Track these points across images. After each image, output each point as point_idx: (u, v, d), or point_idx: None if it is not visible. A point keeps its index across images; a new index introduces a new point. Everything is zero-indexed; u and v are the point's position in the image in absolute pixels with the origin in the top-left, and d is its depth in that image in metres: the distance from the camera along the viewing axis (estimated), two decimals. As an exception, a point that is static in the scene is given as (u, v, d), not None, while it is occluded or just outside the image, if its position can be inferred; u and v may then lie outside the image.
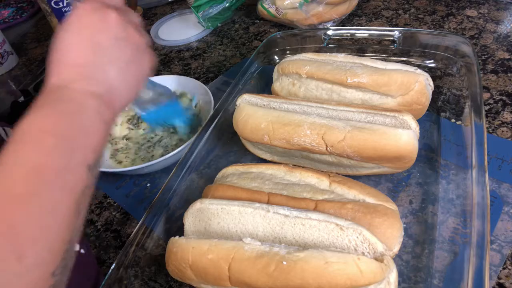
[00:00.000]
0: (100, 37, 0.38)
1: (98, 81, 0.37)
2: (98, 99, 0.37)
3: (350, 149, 0.51)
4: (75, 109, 0.35)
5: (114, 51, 0.39)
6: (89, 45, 0.38)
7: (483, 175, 0.45)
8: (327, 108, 0.57)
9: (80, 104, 0.35)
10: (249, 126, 0.58)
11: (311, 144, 0.53)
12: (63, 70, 0.37)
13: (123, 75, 0.40)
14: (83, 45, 0.38)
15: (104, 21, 0.39)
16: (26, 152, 0.31)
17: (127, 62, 0.40)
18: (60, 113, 0.34)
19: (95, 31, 0.38)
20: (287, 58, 0.69)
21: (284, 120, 0.56)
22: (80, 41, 0.38)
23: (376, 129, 0.51)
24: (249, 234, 0.45)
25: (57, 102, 0.35)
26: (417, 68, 0.60)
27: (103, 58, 0.38)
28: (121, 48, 0.39)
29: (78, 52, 0.37)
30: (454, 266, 0.46)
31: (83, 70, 0.37)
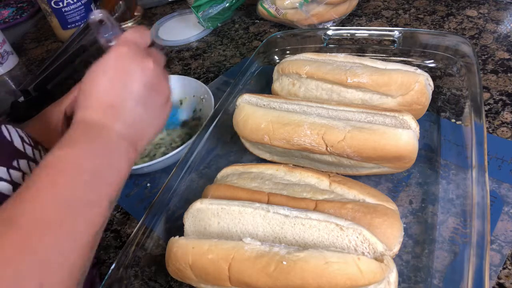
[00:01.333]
0: (135, 83, 0.40)
1: (129, 124, 0.40)
2: (127, 141, 0.39)
3: (350, 149, 0.51)
4: (109, 149, 0.38)
5: (145, 99, 0.41)
6: (124, 89, 0.40)
7: (483, 175, 0.45)
8: (327, 108, 0.57)
9: (114, 144, 0.38)
10: (249, 126, 0.58)
11: (311, 144, 0.53)
12: (97, 108, 0.39)
13: (149, 120, 0.42)
14: (118, 87, 0.40)
15: (142, 69, 0.41)
16: (61, 184, 0.33)
17: (155, 109, 0.43)
18: (96, 151, 0.37)
19: (131, 76, 0.40)
20: (287, 58, 0.69)
21: (284, 120, 0.56)
22: (116, 83, 0.40)
23: (376, 129, 0.51)
24: (249, 234, 0.45)
25: (94, 138, 0.37)
26: (417, 68, 0.60)
27: (135, 104, 0.40)
28: (152, 97, 0.42)
29: (112, 94, 0.39)
30: (454, 266, 0.46)
31: (116, 112, 0.39)
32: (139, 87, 0.41)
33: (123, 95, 0.40)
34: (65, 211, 0.32)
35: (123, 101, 0.40)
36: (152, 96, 0.42)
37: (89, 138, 0.37)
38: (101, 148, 0.37)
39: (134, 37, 0.43)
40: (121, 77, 0.40)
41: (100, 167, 0.36)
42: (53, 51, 1.08)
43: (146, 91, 0.41)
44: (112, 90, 0.40)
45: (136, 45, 0.42)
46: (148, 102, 0.42)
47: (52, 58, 1.00)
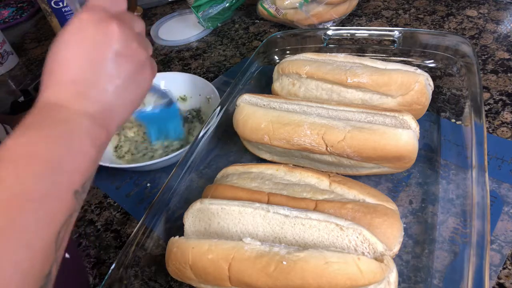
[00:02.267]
0: (99, 52, 0.36)
1: (94, 100, 0.35)
2: (92, 120, 0.35)
3: (350, 149, 0.51)
4: (66, 132, 0.33)
5: (113, 68, 0.36)
6: (87, 61, 0.35)
7: (483, 175, 0.45)
8: (327, 108, 0.57)
9: (72, 126, 0.33)
10: (249, 126, 0.58)
11: (311, 144, 0.53)
12: (58, 86, 0.35)
13: (121, 94, 0.37)
14: (80, 60, 0.35)
15: (105, 35, 0.36)
16: (8, 178, 0.28)
17: (127, 79, 0.37)
18: (49, 136, 0.32)
19: (94, 45, 0.36)
20: (287, 58, 0.69)
21: (284, 120, 0.56)
22: (78, 55, 0.35)
23: (376, 129, 0.51)
24: (249, 234, 0.45)
25: (48, 123, 0.33)
26: (417, 68, 0.60)
27: (100, 76, 0.36)
28: (120, 65, 0.37)
29: (74, 68, 0.35)
30: (454, 266, 0.46)
31: (78, 88, 0.35)
32: (105, 55, 0.36)
33: (87, 68, 0.35)
34: (14, 211, 0.27)
35: (87, 75, 0.35)
36: (122, 65, 0.37)
37: (47, 122, 0.33)
38: (59, 131, 0.33)
39: (103, 2, 0.38)
40: (83, 48, 0.35)
41: (57, 153, 0.31)
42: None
43: (113, 61, 0.36)
44: (74, 63, 0.35)
45: (103, 10, 0.37)
46: (118, 73, 0.37)
47: (52, 58, 1.00)
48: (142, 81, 0.39)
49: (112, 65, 0.36)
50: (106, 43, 0.36)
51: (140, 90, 0.40)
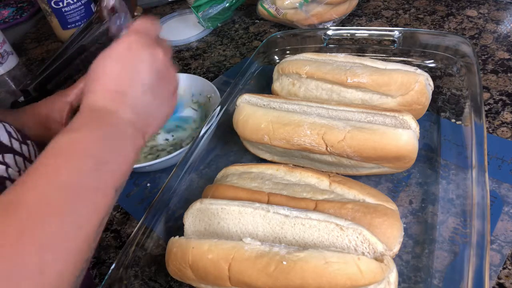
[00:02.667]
0: (145, 71, 0.40)
1: (136, 111, 0.40)
2: (133, 127, 0.39)
3: (350, 149, 0.51)
4: (116, 135, 0.37)
5: (154, 86, 0.41)
6: (134, 76, 0.40)
7: (483, 175, 0.45)
8: (327, 108, 0.57)
9: (118, 130, 0.38)
10: (249, 126, 0.58)
11: (311, 144, 0.53)
12: (105, 93, 0.39)
13: (157, 108, 0.42)
14: (127, 74, 0.40)
15: (152, 56, 0.41)
16: (67, 170, 0.32)
17: (163, 97, 0.43)
18: (103, 137, 0.36)
19: (142, 63, 0.40)
20: (287, 58, 0.69)
21: (284, 120, 0.56)
22: (126, 70, 0.40)
23: (376, 129, 0.51)
24: (249, 234, 0.45)
25: (99, 124, 0.37)
26: (417, 68, 0.60)
27: (143, 91, 0.40)
28: (160, 85, 0.42)
29: (121, 80, 0.39)
30: (454, 266, 0.46)
31: (124, 98, 0.39)
32: (149, 74, 0.41)
33: (133, 82, 0.40)
34: (69, 197, 0.31)
35: (132, 87, 0.40)
36: (161, 84, 0.42)
37: (96, 123, 0.37)
38: (108, 133, 0.37)
39: (144, 26, 0.43)
40: (131, 64, 0.40)
41: (106, 153, 0.35)
42: (53, 51, 1.08)
43: (155, 79, 0.41)
44: (122, 76, 0.40)
45: (147, 34, 0.43)
46: (157, 90, 0.42)
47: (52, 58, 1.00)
48: (173, 99, 0.45)
49: (154, 83, 0.41)
50: (152, 64, 0.41)
51: (171, 105, 0.45)
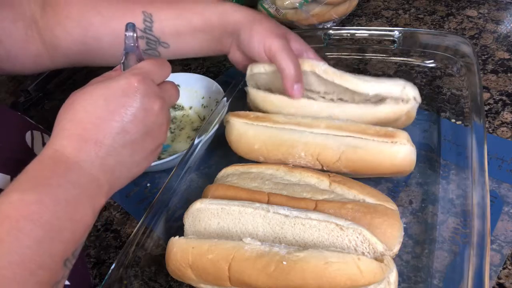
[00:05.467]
0: (134, 126, 0.36)
1: (107, 167, 0.35)
2: (98, 187, 0.35)
3: (346, 169, 0.52)
4: (74, 198, 0.32)
5: (138, 144, 0.37)
6: (119, 129, 0.35)
7: (483, 175, 0.45)
8: (316, 133, 0.53)
9: (80, 192, 0.33)
10: (242, 146, 0.57)
11: (306, 165, 0.54)
12: (78, 141, 0.34)
13: (132, 165, 0.38)
14: (113, 125, 0.35)
15: (145, 112, 0.36)
16: (8, 240, 0.27)
17: (144, 155, 0.39)
18: (58, 201, 0.31)
19: (133, 117, 0.36)
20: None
21: (277, 141, 0.54)
22: (113, 119, 0.35)
23: (371, 148, 0.50)
24: (249, 234, 0.45)
25: (60, 182, 0.32)
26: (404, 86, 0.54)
27: (125, 147, 0.36)
28: (144, 142, 0.38)
29: (101, 127, 0.35)
30: (454, 266, 0.46)
31: (98, 150, 0.34)
32: (136, 128, 0.36)
33: (114, 132, 0.35)
34: (5, 278, 0.26)
35: (111, 139, 0.35)
36: (145, 141, 0.38)
37: (56, 180, 0.32)
38: (68, 196, 0.32)
39: (152, 70, 0.38)
40: (120, 112, 0.35)
41: (60, 221, 0.30)
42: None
43: (141, 135, 0.37)
44: (104, 122, 0.34)
45: (152, 79, 0.38)
46: (139, 146, 0.37)
47: (52, 58, 1.00)
48: (154, 156, 0.41)
49: (138, 138, 0.37)
50: (144, 118, 0.37)
51: (150, 161, 0.41)
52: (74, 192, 0.32)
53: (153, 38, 0.53)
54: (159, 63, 0.40)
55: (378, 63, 0.76)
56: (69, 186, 0.32)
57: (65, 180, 0.32)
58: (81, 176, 0.33)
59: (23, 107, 0.88)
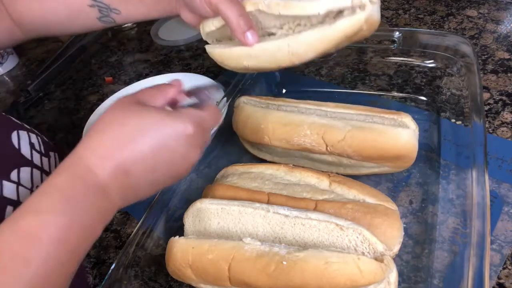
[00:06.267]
0: (165, 170, 0.35)
1: (126, 198, 0.36)
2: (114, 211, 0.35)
3: (350, 148, 0.51)
4: (96, 222, 0.33)
5: (160, 183, 0.37)
6: (152, 168, 0.34)
7: (483, 175, 0.45)
8: (325, 110, 0.57)
9: (102, 216, 0.33)
10: (248, 127, 0.58)
11: (311, 144, 0.53)
12: (113, 169, 0.33)
13: (149, 193, 0.38)
14: (149, 164, 0.34)
15: (184, 160, 0.36)
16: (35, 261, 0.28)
17: (162, 187, 0.39)
18: (83, 226, 0.31)
19: (169, 163, 0.35)
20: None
21: (283, 120, 0.55)
22: (152, 158, 0.34)
23: (376, 129, 0.51)
24: (249, 234, 0.45)
25: (87, 204, 0.32)
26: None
27: (147, 184, 0.36)
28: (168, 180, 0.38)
29: (141, 164, 0.34)
30: (454, 266, 0.46)
31: (126, 182, 0.34)
32: (166, 173, 0.36)
33: (146, 171, 0.34)
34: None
35: (142, 177, 0.35)
36: (169, 180, 0.38)
37: (86, 204, 0.32)
38: (92, 220, 0.32)
39: (209, 121, 0.38)
40: (163, 156, 0.34)
41: (82, 244, 0.31)
42: (53, 51, 1.08)
43: (167, 177, 0.37)
44: (142, 160, 0.34)
45: (206, 131, 0.38)
46: (161, 184, 0.38)
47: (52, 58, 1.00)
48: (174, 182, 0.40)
49: (165, 180, 0.37)
50: (178, 166, 0.36)
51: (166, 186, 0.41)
52: (97, 218, 0.33)
53: (104, 6, 0.55)
54: (216, 114, 0.40)
55: (378, 63, 0.76)
56: (94, 212, 0.33)
57: (93, 206, 0.33)
58: (105, 203, 0.34)
59: (23, 107, 0.88)
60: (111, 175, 0.33)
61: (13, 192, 0.43)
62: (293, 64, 0.48)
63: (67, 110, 0.88)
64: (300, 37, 0.47)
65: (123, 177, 0.34)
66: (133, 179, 0.34)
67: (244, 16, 0.47)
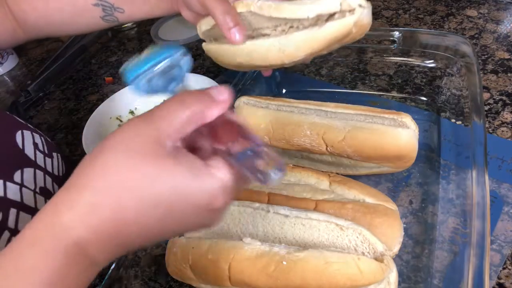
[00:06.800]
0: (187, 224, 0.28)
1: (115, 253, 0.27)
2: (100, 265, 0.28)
3: (350, 148, 0.51)
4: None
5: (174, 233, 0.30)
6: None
7: (483, 175, 0.45)
8: (325, 110, 0.57)
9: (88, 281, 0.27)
10: None
11: (311, 144, 0.53)
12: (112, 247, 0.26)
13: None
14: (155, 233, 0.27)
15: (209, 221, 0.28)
16: None
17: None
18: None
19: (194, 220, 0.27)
20: None
21: (283, 121, 0.55)
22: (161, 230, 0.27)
23: (376, 129, 0.51)
24: (249, 234, 0.45)
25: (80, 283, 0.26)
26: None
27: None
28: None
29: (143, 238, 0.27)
30: (454, 266, 0.46)
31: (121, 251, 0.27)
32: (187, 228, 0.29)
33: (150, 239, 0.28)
34: None
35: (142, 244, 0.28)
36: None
37: (78, 281, 0.26)
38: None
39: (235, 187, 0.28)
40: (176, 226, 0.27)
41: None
42: (53, 51, 1.08)
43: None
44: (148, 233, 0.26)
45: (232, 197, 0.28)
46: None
47: (52, 58, 1.00)
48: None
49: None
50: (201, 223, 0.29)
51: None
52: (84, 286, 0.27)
53: (108, 5, 0.56)
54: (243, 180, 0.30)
55: (378, 63, 0.76)
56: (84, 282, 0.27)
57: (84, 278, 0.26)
58: (94, 273, 0.27)
59: (23, 107, 0.88)
60: (105, 252, 0.26)
61: (17, 193, 0.43)
62: (283, 64, 0.48)
63: (67, 110, 0.88)
64: (290, 37, 0.47)
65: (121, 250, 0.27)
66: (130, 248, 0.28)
67: (231, 13, 0.46)
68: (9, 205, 0.42)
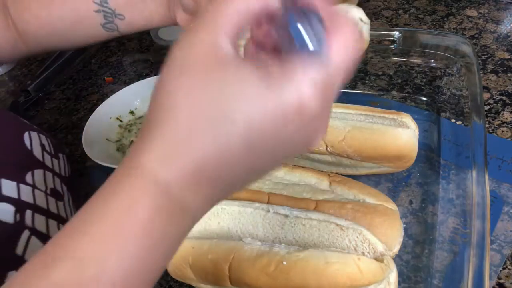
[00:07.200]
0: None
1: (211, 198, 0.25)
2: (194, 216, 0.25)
3: (350, 148, 0.51)
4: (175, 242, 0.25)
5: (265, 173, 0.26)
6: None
7: (483, 175, 0.45)
8: None
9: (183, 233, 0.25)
10: None
11: None
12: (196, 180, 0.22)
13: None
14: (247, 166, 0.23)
15: (302, 146, 0.24)
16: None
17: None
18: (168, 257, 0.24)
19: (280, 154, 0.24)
20: None
21: None
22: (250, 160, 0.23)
23: (376, 129, 0.51)
24: (249, 234, 0.45)
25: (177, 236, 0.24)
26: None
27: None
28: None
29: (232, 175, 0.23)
30: (454, 266, 0.46)
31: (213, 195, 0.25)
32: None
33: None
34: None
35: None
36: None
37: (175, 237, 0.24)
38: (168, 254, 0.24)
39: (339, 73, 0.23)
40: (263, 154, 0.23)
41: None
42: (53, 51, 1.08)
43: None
44: (236, 166, 0.23)
45: (334, 90, 0.23)
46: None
47: (52, 58, 1.00)
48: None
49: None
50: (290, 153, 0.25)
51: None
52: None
53: (109, 11, 0.55)
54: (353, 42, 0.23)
55: (378, 63, 0.76)
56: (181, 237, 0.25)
57: (180, 232, 0.25)
58: (191, 225, 0.26)
59: (23, 107, 0.88)
60: (195, 192, 0.23)
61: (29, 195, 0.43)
62: None
63: (67, 110, 0.88)
64: None
65: (210, 192, 0.24)
66: (221, 190, 0.25)
67: None
68: (24, 207, 0.41)
